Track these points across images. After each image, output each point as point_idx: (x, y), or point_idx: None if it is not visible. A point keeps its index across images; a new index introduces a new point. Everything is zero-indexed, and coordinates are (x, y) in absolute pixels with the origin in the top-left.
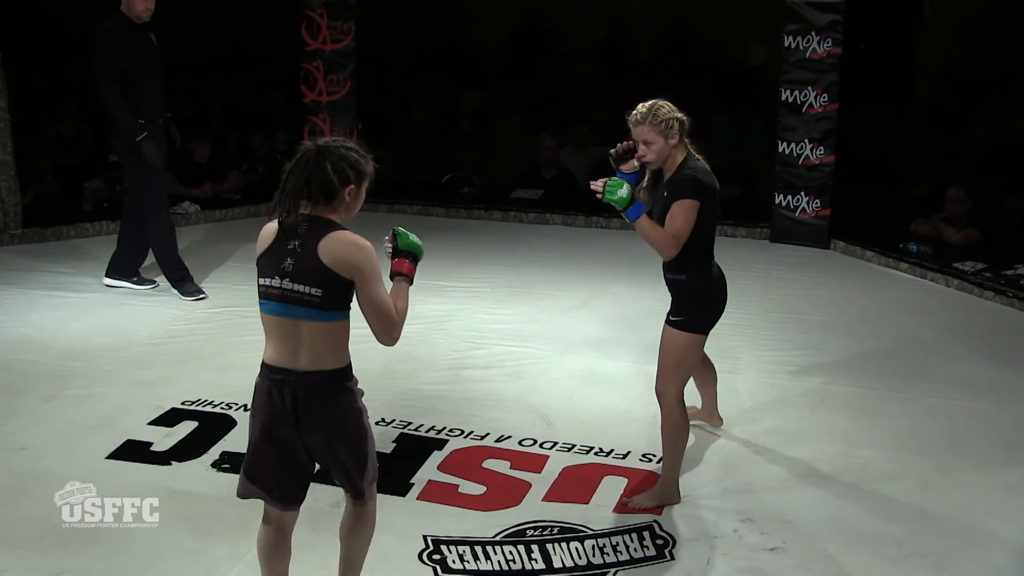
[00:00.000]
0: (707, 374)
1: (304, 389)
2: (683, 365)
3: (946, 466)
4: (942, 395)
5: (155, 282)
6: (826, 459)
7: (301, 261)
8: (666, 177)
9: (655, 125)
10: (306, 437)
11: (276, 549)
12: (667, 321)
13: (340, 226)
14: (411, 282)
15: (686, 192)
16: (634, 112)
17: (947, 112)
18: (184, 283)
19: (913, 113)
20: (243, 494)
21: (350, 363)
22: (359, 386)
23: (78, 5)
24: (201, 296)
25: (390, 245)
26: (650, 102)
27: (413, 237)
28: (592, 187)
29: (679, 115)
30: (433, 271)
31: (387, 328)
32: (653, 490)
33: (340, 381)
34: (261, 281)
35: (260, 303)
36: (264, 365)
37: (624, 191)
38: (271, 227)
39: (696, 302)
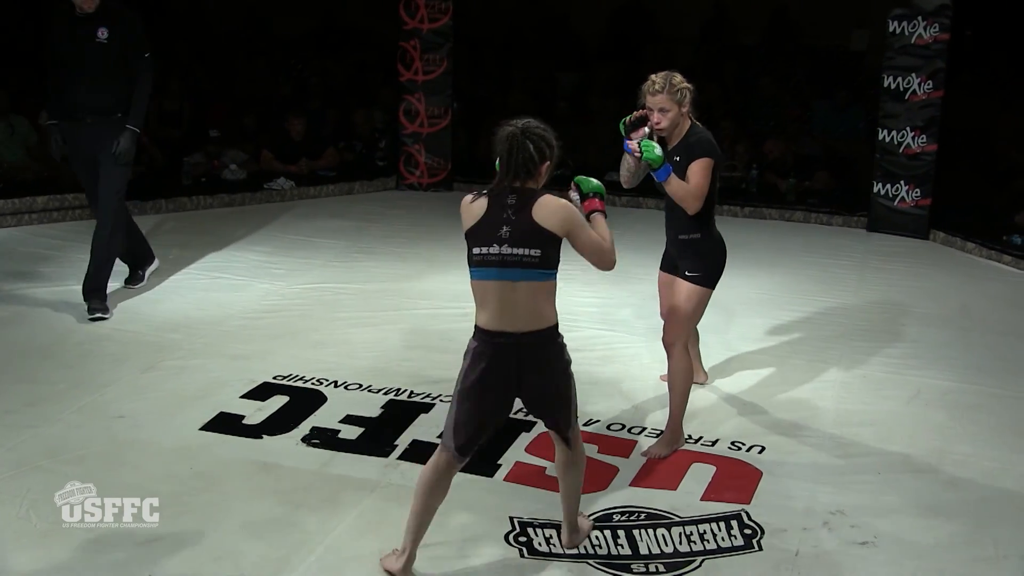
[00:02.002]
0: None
1: (526, 348)
2: (695, 317)
3: None
4: None
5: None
6: (922, 454)
7: (517, 226)
8: (672, 144)
9: (672, 94)
10: (526, 393)
11: (438, 486)
12: (683, 276)
13: (543, 191)
14: (605, 215)
15: (703, 151)
16: (650, 82)
17: None
18: (93, 300)
19: (1022, 102)
20: (444, 441)
21: (558, 319)
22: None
23: None
24: (101, 317)
25: (575, 194)
26: (664, 72)
27: (594, 181)
28: (629, 146)
29: (688, 85)
30: None
31: (606, 258)
32: (664, 437)
33: (554, 336)
34: (476, 250)
35: (474, 271)
36: (482, 331)
37: (659, 151)
38: (477, 203)
39: (710, 258)
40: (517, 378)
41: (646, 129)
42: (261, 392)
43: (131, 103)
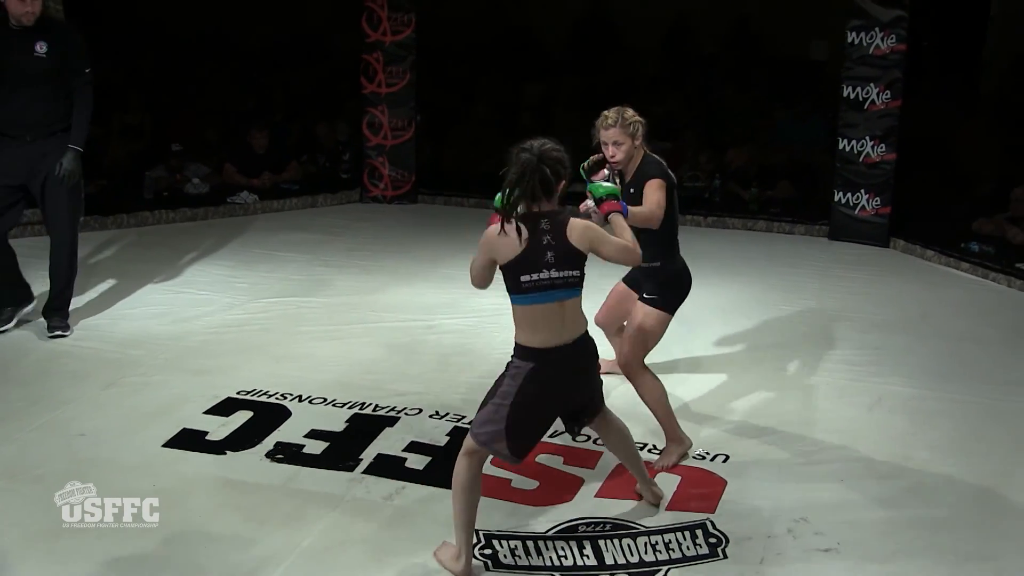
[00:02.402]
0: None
1: (576, 357)
2: (652, 339)
3: (1009, 471)
4: (1005, 398)
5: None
6: (883, 460)
7: (559, 251)
8: (628, 177)
9: (624, 127)
10: (580, 393)
11: (476, 482)
12: (641, 299)
13: (568, 213)
14: (623, 213)
15: (654, 173)
16: (603, 117)
17: (1014, 109)
18: (54, 319)
19: (978, 111)
20: (489, 442)
21: None
22: None
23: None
24: (61, 334)
25: (591, 201)
26: (616, 108)
27: (606, 185)
28: (582, 208)
29: (641, 119)
30: None
31: (630, 256)
32: (667, 449)
33: (590, 338)
34: (525, 278)
35: (523, 297)
36: (536, 351)
37: (607, 185)
38: (509, 234)
39: (669, 286)
40: (574, 382)
41: (606, 171)
42: (225, 407)
43: (73, 122)
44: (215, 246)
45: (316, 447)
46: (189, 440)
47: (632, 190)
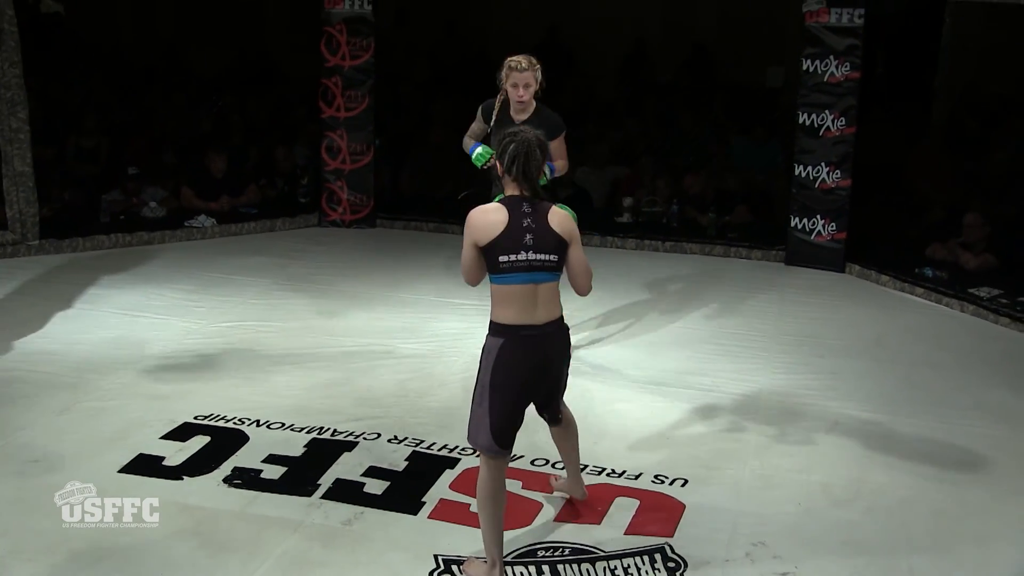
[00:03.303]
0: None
1: (548, 337)
2: None
3: (962, 494)
4: (958, 421)
5: None
6: (840, 484)
7: (539, 234)
8: (518, 119)
9: (533, 71)
10: (549, 376)
11: (500, 491)
12: None
13: (550, 201)
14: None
15: (560, 124)
16: (516, 62)
17: (965, 137)
18: None
19: (931, 138)
20: (485, 445)
21: None
22: None
23: (99, 20)
24: None
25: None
26: (523, 55)
27: (568, 208)
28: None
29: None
30: (447, 289)
31: (589, 279)
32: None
33: (563, 324)
34: (503, 258)
35: (499, 277)
36: (507, 327)
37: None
38: (491, 215)
39: None
40: (544, 367)
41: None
42: (182, 432)
43: None
44: (173, 270)
45: (274, 472)
46: (146, 465)
47: (545, 133)
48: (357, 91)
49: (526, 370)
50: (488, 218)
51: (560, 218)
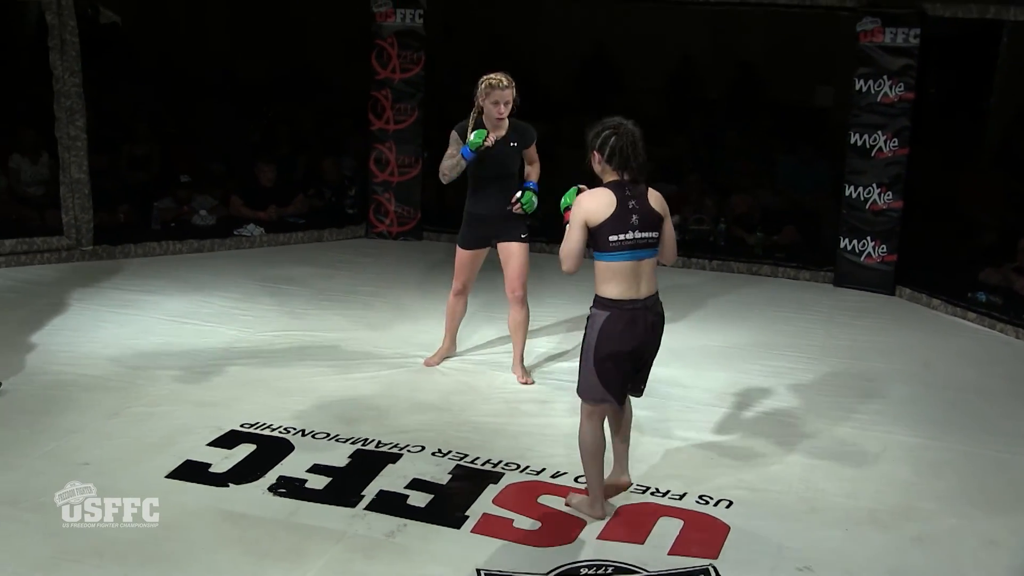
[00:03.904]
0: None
1: (648, 311)
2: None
3: (1014, 524)
4: (1011, 449)
5: None
6: (888, 510)
7: (643, 214)
8: (496, 135)
9: (512, 88)
10: (647, 346)
11: (604, 440)
12: (519, 240)
13: (645, 184)
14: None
15: (535, 135)
16: (496, 80)
17: (1019, 159)
18: None
19: (985, 160)
20: (599, 398)
21: None
22: None
23: (153, 31)
24: None
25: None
26: (501, 72)
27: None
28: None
29: None
30: (492, 303)
31: (676, 249)
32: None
33: (659, 300)
34: (613, 238)
35: (609, 255)
36: (614, 301)
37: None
38: (601, 198)
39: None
40: (643, 337)
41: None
42: (228, 440)
43: None
44: (221, 278)
45: (319, 482)
46: (192, 472)
47: (514, 143)
48: (407, 104)
49: (628, 340)
50: (599, 200)
51: (656, 197)
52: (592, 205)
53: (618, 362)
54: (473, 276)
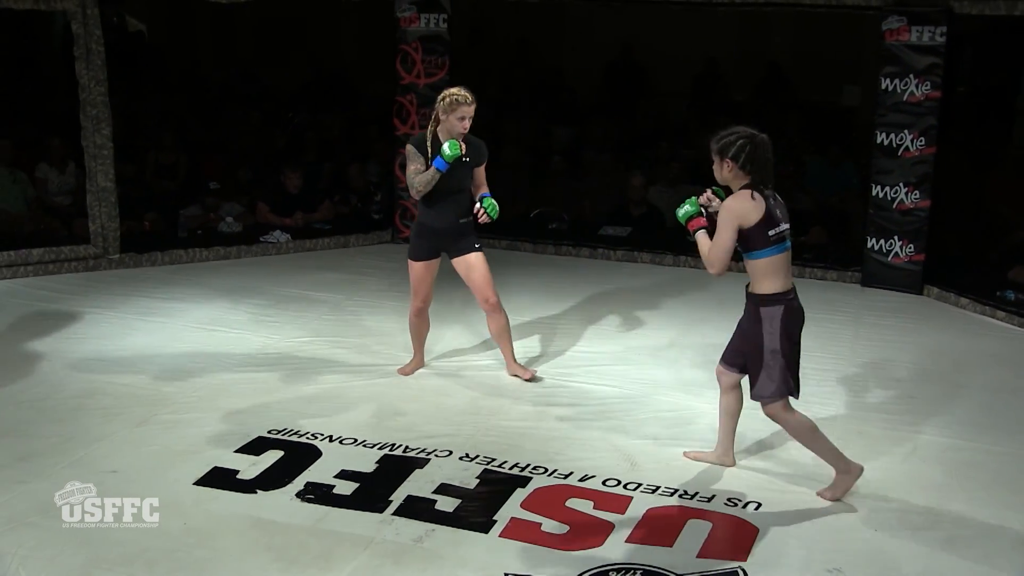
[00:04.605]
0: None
1: (798, 298)
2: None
3: None
4: None
5: None
6: (918, 512)
7: (781, 208)
8: (464, 150)
9: (475, 104)
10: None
11: (808, 421)
12: (476, 250)
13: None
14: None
15: (487, 154)
16: (462, 96)
17: None
18: None
19: (1013, 158)
20: (787, 391)
21: None
22: None
23: (179, 39)
24: None
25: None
26: (462, 87)
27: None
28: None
29: None
30: (519, 307)
31: None
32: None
33: None
34: (772, 231)
35: (769, 249)
36: (784, 294)
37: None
38: (751, 201)
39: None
40: (802, 323)
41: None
42: (255, 446)
43: None
44: (248, 285)
45: (346, 488)
46: (220, 479)
47: (467, 159)
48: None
49: (799, 328)
50: (751, 202)
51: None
52: (745, 207)
53: (797, 351)
54: (431, 290)
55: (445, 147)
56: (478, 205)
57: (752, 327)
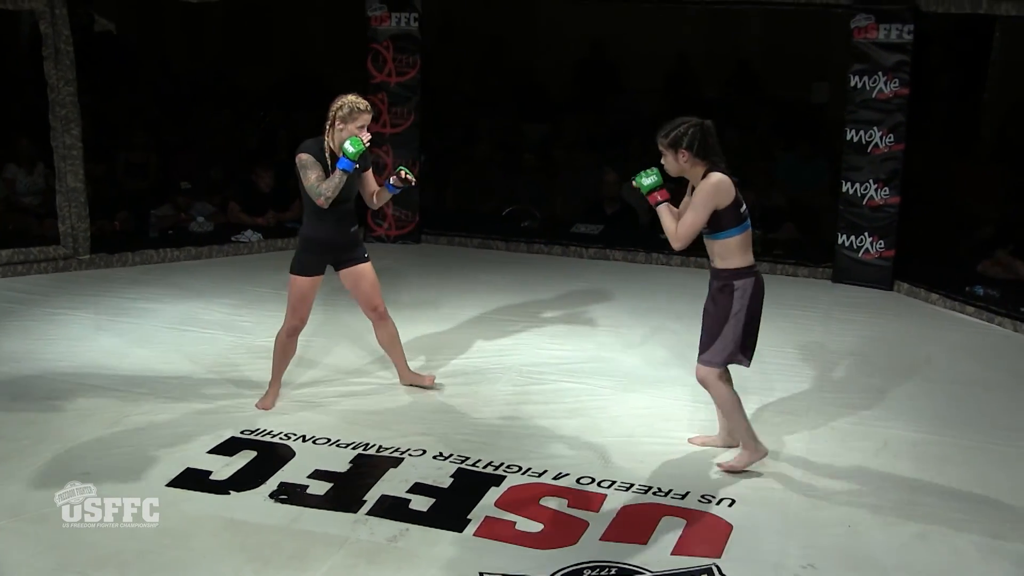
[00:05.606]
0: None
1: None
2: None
3: (1017, 517)
4: (1012, 443)
5: None
6: (890, 506)
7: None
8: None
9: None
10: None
11: (736, 394)
12: (365, 260)
13: None
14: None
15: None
16: (364, 105)
17: (1015, 153)
18: None
19: (981, 154)
20: (730, 359)
21: None
22: None
23: (148, 38)
24: None
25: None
26: (357, 96)
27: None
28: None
29: None
30: (492, 305)
31: None
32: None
33: None
34: (743, 208)
35: (741, 226)
36: (750, 268)
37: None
38: (728, 180)
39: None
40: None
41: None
42: (228, 447)
43: None
44: (220, 285)
45: (320, 487)
46: (193, 479)
47: (358, 166)
48: (403, 108)
49: (762, 299)
50: (728, 184)
51: None
52: (728, 185)
53: (758, 321)
54: (310, 310)
55: (347, 145)
56: (397, 177)
57: (722, 299)
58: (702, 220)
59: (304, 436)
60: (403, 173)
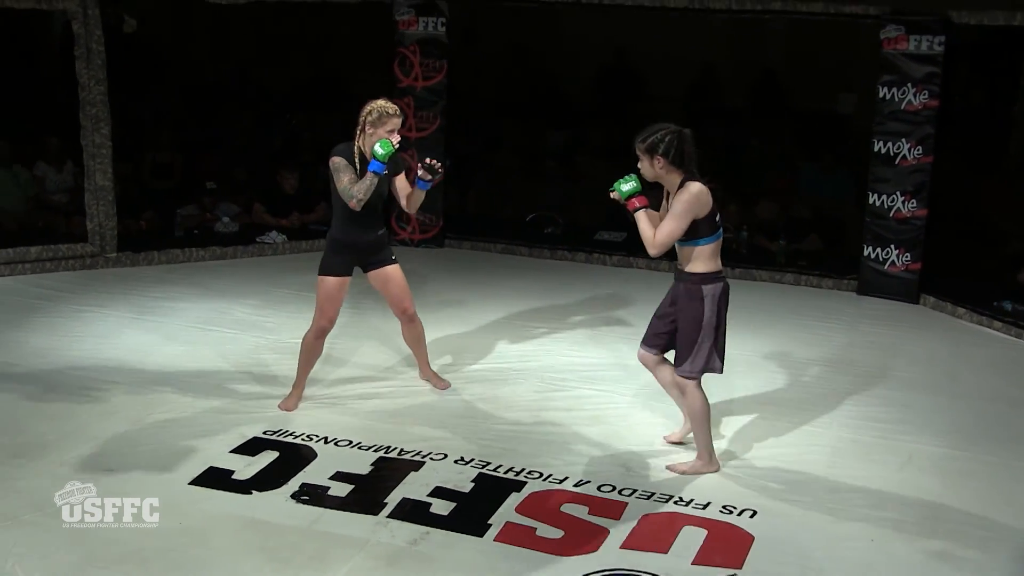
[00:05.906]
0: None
1: None
2: None
3: None
4: None
5: None
6: (914, 521)
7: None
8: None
9: (402, 117)
10: None
11: (708, 404)
12: (393, 262)
13: None
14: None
15: (403, 166)
16: (393, 109)
17: None
18: None
19: (1010, 168)
20: (710, 367)
21: None
22: None
23: (175, 39)
24: None
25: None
26: (388, 101)
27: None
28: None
29: None
30: (515, 309)
31: None
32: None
33: None
34: (718, 218)
35: (714, 235)
36: (718, 274)
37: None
38: (706, 189)
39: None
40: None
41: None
42: (251, 447)
43: None
44: (244, 285)
45: (341, 489)
46: (215, 479)
47: (387, 170)
48: (429, 112)
49: (727, 304)
50: (707, 191)
51: None
52: (707, 196)
53: (726, 325)
54: (338, 312)
55: (377, 147)
56: (423, 170)
57: (691, 304)
58: (681, 229)
59: (326, 438)
60: (428, 160)
